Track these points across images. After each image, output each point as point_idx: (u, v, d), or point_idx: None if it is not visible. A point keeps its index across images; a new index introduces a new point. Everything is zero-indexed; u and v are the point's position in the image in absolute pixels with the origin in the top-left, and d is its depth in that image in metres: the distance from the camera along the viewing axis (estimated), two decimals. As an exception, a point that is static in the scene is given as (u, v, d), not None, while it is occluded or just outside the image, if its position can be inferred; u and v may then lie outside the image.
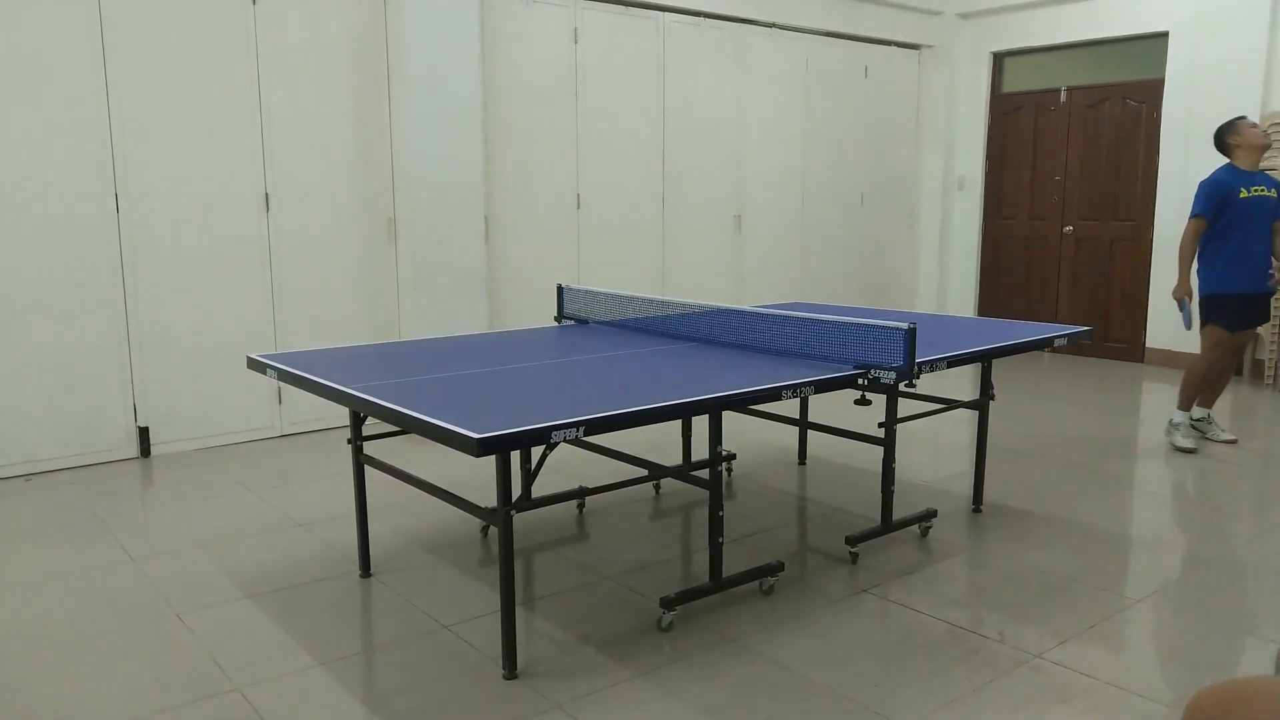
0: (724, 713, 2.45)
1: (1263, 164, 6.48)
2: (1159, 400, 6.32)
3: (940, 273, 8.72)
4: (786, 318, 3.48)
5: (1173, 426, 5.06)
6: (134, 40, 4.66)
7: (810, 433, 4.74)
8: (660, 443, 4.46)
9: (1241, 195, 4.79)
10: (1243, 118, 5.01)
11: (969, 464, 4.25)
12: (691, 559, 3.59)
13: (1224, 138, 4.95)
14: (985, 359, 3.73)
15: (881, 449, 3.54)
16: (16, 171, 4.45)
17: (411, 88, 5.29)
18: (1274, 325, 6.48)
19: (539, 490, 3.84)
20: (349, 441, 3.31)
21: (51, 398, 4.60)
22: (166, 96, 4.78)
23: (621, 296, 4.15)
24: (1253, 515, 4.06)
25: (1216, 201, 4.83)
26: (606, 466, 3.88)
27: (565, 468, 4.37)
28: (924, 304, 8.66)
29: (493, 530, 3.71)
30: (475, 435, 2.23)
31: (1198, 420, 5.18)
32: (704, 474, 3.08)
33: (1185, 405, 5.06)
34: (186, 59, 4.82)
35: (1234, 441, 5.07)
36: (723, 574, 3.13)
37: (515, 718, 2.44)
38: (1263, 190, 4.82)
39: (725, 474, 4.51)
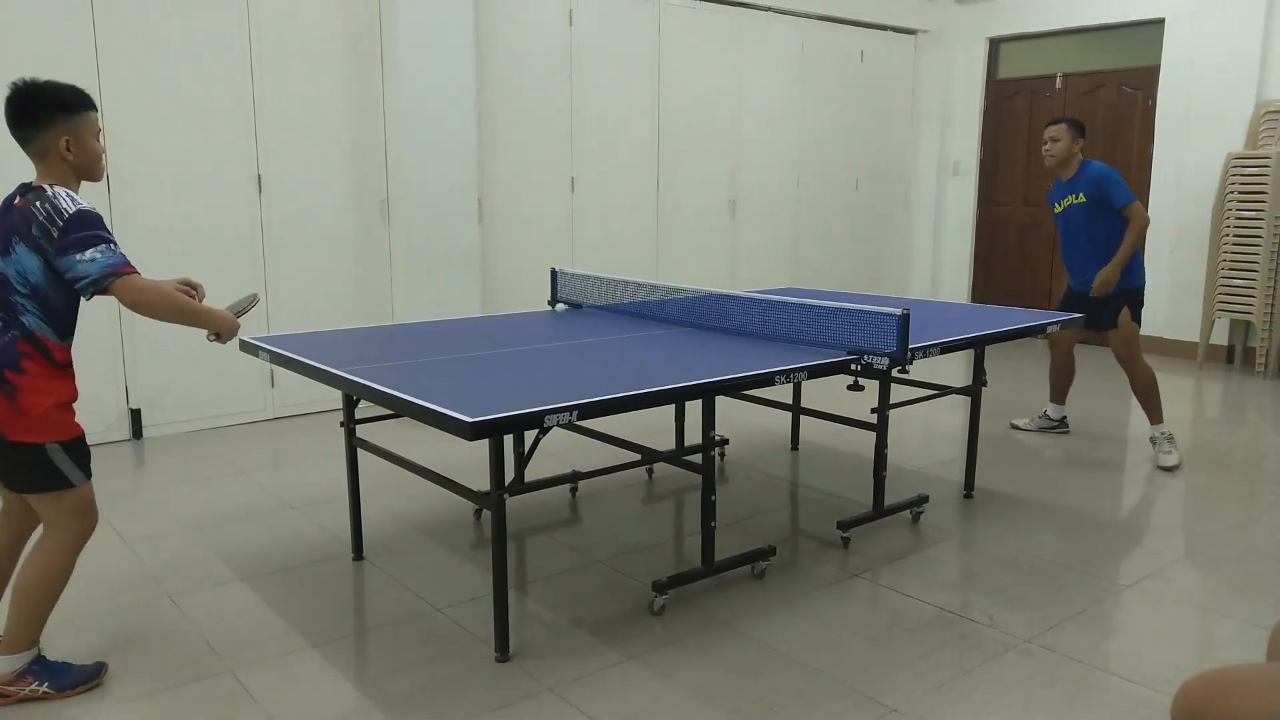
0: (715, 695, 2.47)
1: (1258, 148, 6.52)
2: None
3: (934, 258, 8.72)
4: (780, 303, 3.47)
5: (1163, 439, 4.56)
6: (126, 20, 4.62)
7: (803, 418, 4.75)
8: (653, 427, 4.46)
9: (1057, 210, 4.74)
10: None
11: (961, 450, 4.26)
12: (684, 543, 3.60)
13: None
14: (978, 345, 3.74)
15: (874, 434, 3.55)
16: (8, 155, 4.40)
17: (405, 69, 5.26)
18: (1265, 312, 6.50)
19: (532, 474, 3.83)
20: (341, 424, 3.30)
21: (42, 379, 4.58)
22: (159, 77, 4.74)
23: (615, 281, 4.14)
24: (1242, 501, 4.08)
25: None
26: (599, 451, 3.89)
27: (558, 452, 4.37)
28: (918, 289, 8.67)
29: (485, 514, 3.72)
30: (468, 419, 2.23)
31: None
32: (697, 459, 3.08)
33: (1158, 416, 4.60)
34: (179, 39, 4.78)
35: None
36: (715, 558, 3.13)
37: (507, 700, 2.45)
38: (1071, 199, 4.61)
39: (718, 459, 4.51)
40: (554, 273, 4.38)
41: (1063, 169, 4.61)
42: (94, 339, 4.71)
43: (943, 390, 3.98)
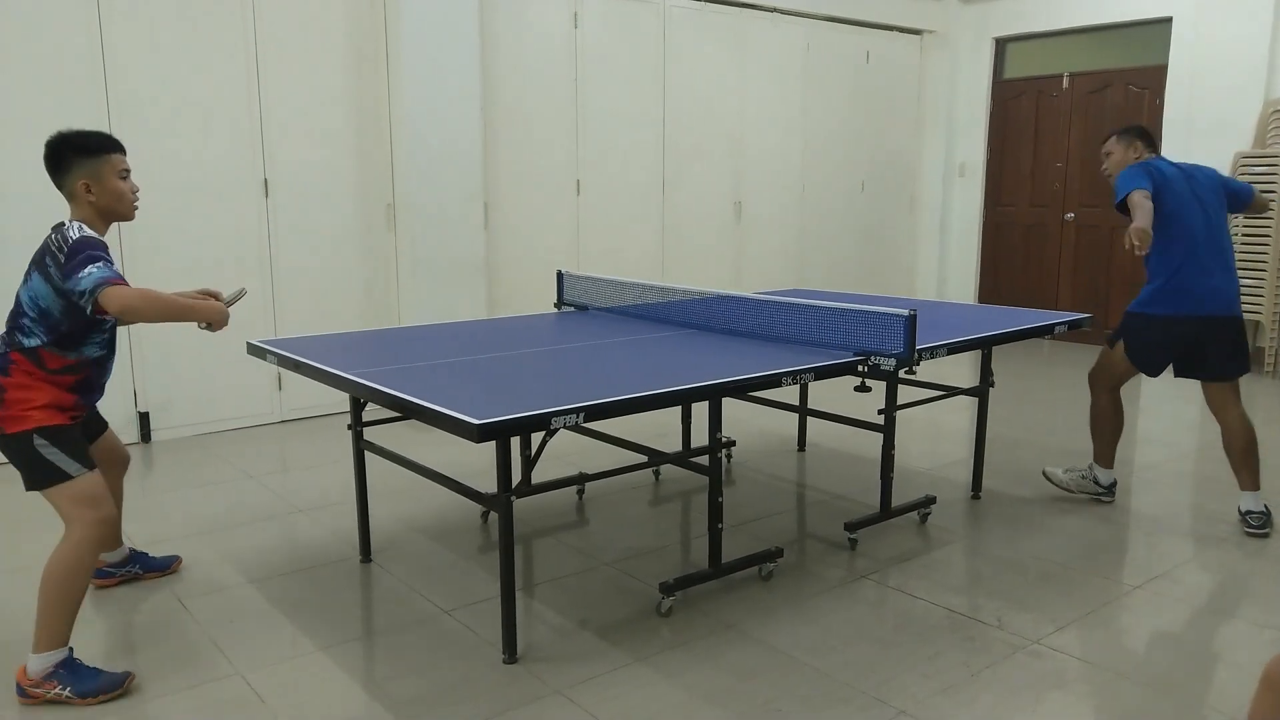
0: (722, 698, 2.46)
1: (1266, 147, 6.49)
2: (1158, 387, 6.31)
3: (940, 260, 8.70)
4: (787, 304, 3.47)
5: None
6: (132, 26, 4.63)
7: (810, 419, 4.74)
8: (660, 429, 4.46)
9: None
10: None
11: (968, 451, 4.25)
12: (691, 545, 3.60)
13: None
14: (985, 346, 3.73)
15: (881, 436, 3.55)
16: (16, 160, 4.43)
17: (410, 72, 5.27)
18: (1275, 314, 6.47)
19: (539, 476, 3.84)
20: (349, 427, 3.31)
21: (51, 383, 4.60)
22: (165, 82, 4.76)
23: (621, 283, 4.15)
24: (1251, 503, 4.06)
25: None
26: (606, 453, 3.89)
27: (565, 454, 4.37)
28: (924, 291, 8.65)
29: (493, 516, 3.72)
30: (475, 421, 2.23)
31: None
32: (704, 460, 3.08)
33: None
34: (185, 44, 4.79)
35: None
36: (722, 560, 3.14)
37: (515, 702, 2.45)
38: None
39: (725, 460, 4.51)
40: (560, 275, 4.38)
41: None
42: (102, 343, 4.72)
43: (950, 391, 3.97)
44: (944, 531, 3.67)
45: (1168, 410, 5.83)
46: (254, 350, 3.35)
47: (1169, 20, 7.11)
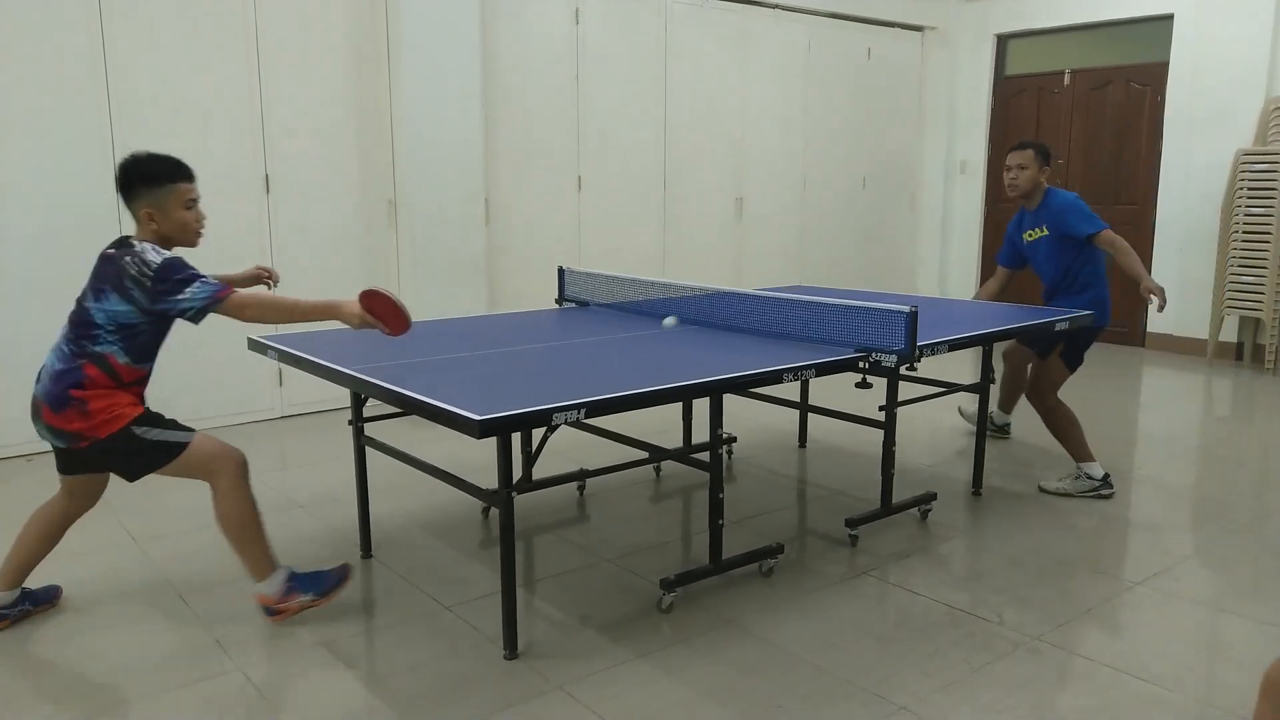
0: (723, 694, 2.47)
1: (1268, 144, 6.49)
2: (1159, 385, 6.32)
3: (941, 256, 8.70)
4: (788, 301, 3.47)
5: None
6: (132, 26, 4.63)
7: (811, 416, 4.74)
8: (661, 425, 4.46)
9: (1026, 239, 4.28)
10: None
11: (969, 447, 4.25)
12: (691, 541, 3.60)
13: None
14: (986, 343, 3.73)
15: (882, 432, 3.55)
16: (17, 157, 4.43)
17: (410, 71, 5.27)
18: (1274, 309, 6.47)
19: (540, 472, 3.84)
20: (350, 423, 3.31)
21: (52, 379, 4.60)
22: (165, 82, 4.75)
23: (622, 279, 4.15)
24: (1252, 499, 4.06)
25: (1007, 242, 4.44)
26: (607, 449, 3.89)
27: (566, 450, 4.37)
28: (925, 287, 8.65)
29: (493, 512, 3.72)
30: (476, 417, 2.23)
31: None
32: (704, 456, 3.08)
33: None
34: (185, 44, 4.79)
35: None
36: (723, 556, 3.13)
37: (516, 698, 2.45)
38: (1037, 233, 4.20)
39: (726, 457, 4.51)
40: (561, 271, 4.38)
41: (1027, 200, 4.22)
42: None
43: (951, 388, 3.97)
44: (945, 528, 3.67)
45: (1168, 408, 5.83)
46: (255, 346, 3.35)
47: (1170, 17, 7.11)
